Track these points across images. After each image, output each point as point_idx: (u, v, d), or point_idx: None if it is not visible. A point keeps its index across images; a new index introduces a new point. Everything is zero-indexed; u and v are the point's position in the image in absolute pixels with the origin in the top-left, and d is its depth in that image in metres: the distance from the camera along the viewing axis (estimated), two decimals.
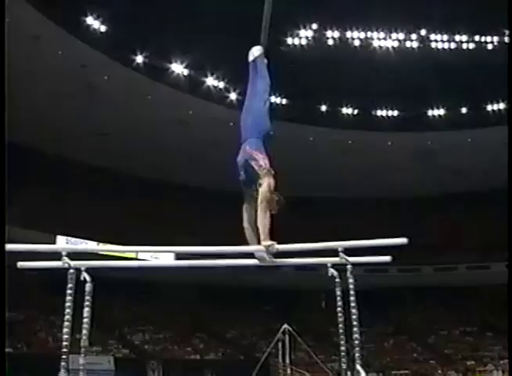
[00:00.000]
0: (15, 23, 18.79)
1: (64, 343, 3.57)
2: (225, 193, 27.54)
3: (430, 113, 27.01)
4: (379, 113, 27.13)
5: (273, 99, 25.90)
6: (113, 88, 22.23)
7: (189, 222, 24.59)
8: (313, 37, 24.48)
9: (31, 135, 22.94)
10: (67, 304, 3.57)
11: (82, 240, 20.55)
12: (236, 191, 4.49)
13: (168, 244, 4.77)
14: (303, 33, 24.41)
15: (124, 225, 22.72)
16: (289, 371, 15.18)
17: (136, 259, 19.17)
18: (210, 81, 24.26)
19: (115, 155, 24.90)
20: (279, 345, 14.60)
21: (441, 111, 26.91)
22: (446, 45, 24.78)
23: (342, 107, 26.68)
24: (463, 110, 26.50)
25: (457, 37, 24.65)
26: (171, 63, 23.14)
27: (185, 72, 23.42)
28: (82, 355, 3.71)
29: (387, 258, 3.95)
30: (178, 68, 23.24)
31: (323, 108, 26.55)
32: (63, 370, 3.46)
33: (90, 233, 20.96)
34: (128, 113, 23.31)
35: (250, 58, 4.73)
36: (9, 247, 3.69)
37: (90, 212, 23.14)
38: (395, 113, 27.14)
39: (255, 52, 4.77)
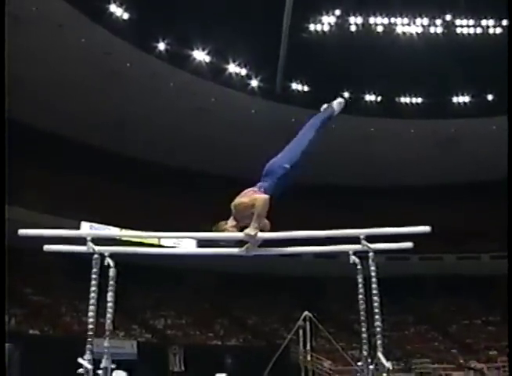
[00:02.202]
0: (39, 12, 18.99)
1: (90, 326, 3.64)
2: (247, 181, 27.64)
3: (454, 100, 26.61)
4: (402, 100, 26.83)
5: (295, 85, 25.81)
6: (136, 76, 22.34)
7: (211, 209, 24.65)
8: (336, 24, 24.25)
9: (55, 123, 23.21)
10: (92, 288, 3.64)
11: (105, 226, 20.78)
12: (259, 179, 4.46)
13: (190, 231, 4.76)
14: (325, 19, 24.19)
15: (146, 212, 22.91)
16: (309, 358, 15.24)
17: (159, 246, 19.40)
18: (232, 68, 24.22)
19: (137, 142, 25.06)
20: (300, 332, 14.66)
21: (466, 98, 26.48)
22: (472, 30, 24.30)
23: (365, 94, 26.45)
24: (489, 97, 26.05)
25: (483, 22, 24.15)
26: (192, 50, 23.15)
27: (207, 59, 23.43)
28: (107, 338, 3.78)
29: (408, 245, 3.92)
30: (200, 55, 23.25)
31: (346, 95, 26.29)
32: (88, 352, 3.52)
33: (113, 219, 21.19)
34: (150, 101, 23.41)
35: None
36: (36, 232, 3.77)
37: (113, 199, 23.40)
38: (419, 100, 26.80)
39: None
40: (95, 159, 24.24)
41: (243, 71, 24.48)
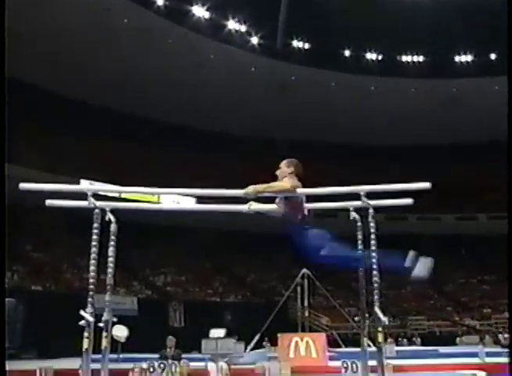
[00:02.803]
0: None
1: (91, 280, 3.67)
2: (247, 139, 27.55)
3: (457, 59, 26.24)
4: (404, 58, 26.47)
5: (295, 43, 25.41)
6: (134, 32, 21.95)
7: (211, 166, 24.68)
8: None
9: (55, 81, 22.90)
10: (93, 243, 3.66)
11: (105, 184, 20.78)
12: (258, 136, 4.43)
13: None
14: None
15: (145, 170, 22.88)
16: (307, 314, 15.54)
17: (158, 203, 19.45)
18: (232, 24, 23.80)
19: (136, 99, 24.82)
20: (298, 289, 14.91)
21: (469, 57, 26.10)
22: None
23: (366, 52, 26.08)
24: (492, 56, 25.67)
25: None
26: (192, 5, 22.69)
27: (207, 15, 22.99)
28: (108, 292, 3.82)
29: (408, 201, 3.93)
30: (199, 11, 22.80)
31: (347, 53, 25.97)
32: (90, 305, 3.57)
33: (112, 177, 21.19)
34: (149, 57, 23.07)
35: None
36: (37, 186, 3.76)
37: (112, 157, 23.33)
38: (421, 58, 26.44)
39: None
40: (94, 117, 24.05)
41: (243, 28, 24.07)
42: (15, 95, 18.83)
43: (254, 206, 3.84)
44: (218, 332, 11.72)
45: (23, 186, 3.67)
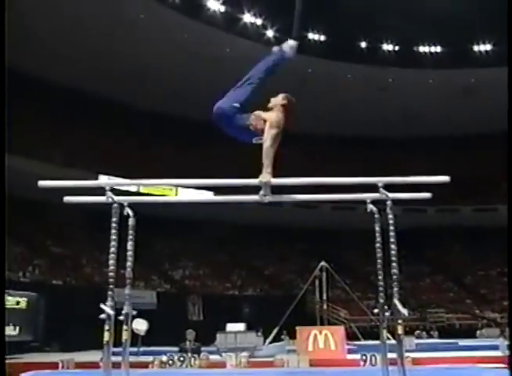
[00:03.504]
0: None
1: (110, 274, 3.70)
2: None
3: (475, 48, 25.86)
4: (421, 49, 26.18)
5: (311, 35, 25.25)
6: (149, 27, 21.99)
7: (230, 160, 24.68)
8: None
9: (72, 77, 23.06)
10: (112, 237, 3.69)
11: (123, 179, 20.92)
12: None
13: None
14: None
15: (160, 165, 22.99)
16: (325, 307, 15.54)
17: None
18: (248, 17, 23.74)
19: (153, 95, 24.91)
20: (316, 282, 14.92)
21: (488, 46, 25.71)
22: None
23: (382, 43, 25.84)
24: None
25: None
26: None
27: (222, 9, 22.96)
28: (128, 285, 3.86)
29: (426, 195, 3.88)
30: (215, 5, 22.77)
31: (363, 44, 25.75)
32: (110, 299, 3.60)
33: (130, 172, 21.32)
34: (165, 52, 23.12)
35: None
36: (56, 183, 3.80)
37: (130, 152, 23.47)
38: (438, 49, 26.12)
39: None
40: (110, 112, 24.20)
41: (259, 21, 23.99)
42: (26, 90, 19.07)
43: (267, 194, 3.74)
44: (235, 326, 11.79)
45: (42, 183, 3.71)
